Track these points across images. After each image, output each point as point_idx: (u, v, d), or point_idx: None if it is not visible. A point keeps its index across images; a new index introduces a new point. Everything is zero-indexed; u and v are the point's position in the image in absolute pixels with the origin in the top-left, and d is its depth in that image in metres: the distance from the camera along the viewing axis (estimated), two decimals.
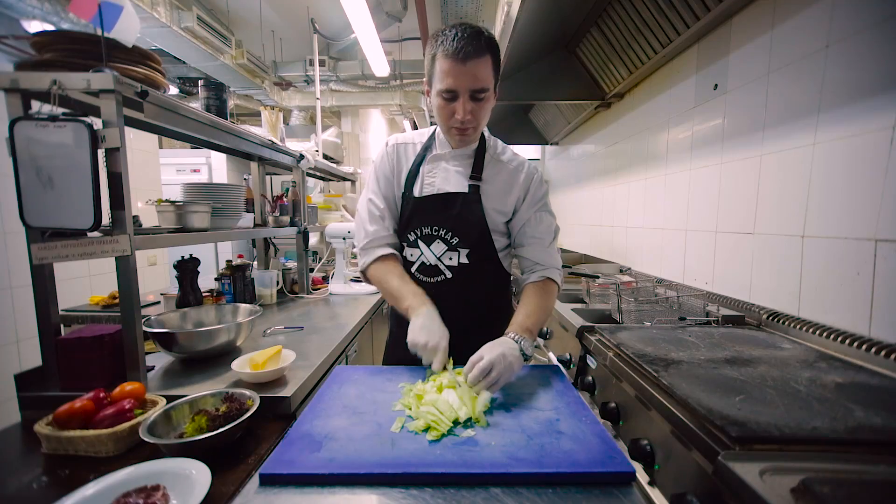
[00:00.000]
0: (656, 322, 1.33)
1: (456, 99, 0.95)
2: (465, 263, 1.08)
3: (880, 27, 1.00)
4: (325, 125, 5.37)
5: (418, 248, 1.11)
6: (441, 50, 0.93)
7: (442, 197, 1.08)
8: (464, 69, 0.91)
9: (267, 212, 2.17)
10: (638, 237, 2.34)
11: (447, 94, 0.95)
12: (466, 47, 0.90)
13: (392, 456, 0.67)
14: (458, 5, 3.58)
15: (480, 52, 0.91)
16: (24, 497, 0.70)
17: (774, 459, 0.60)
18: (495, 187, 1.09)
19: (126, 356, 1.06)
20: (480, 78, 0.93)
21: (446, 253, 1.08)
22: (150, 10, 2.69)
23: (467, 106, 0.95)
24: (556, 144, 4.19)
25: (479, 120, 0.99)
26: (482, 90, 0.95)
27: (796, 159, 1.24)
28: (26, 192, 0.95)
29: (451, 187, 1.08)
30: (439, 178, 1.09)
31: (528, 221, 1.10)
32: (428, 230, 1.08)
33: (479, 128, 1.03)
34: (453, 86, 0.93)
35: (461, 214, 1.07)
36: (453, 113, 0.97)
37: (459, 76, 0.92)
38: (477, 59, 0.91)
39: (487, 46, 0.93)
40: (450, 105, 0.97)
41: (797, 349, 1.06)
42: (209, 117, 1.44)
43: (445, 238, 1.08)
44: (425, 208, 1.08)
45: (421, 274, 1.12)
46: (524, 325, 0.97)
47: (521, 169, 1.12)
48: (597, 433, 0.74)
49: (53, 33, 1.11)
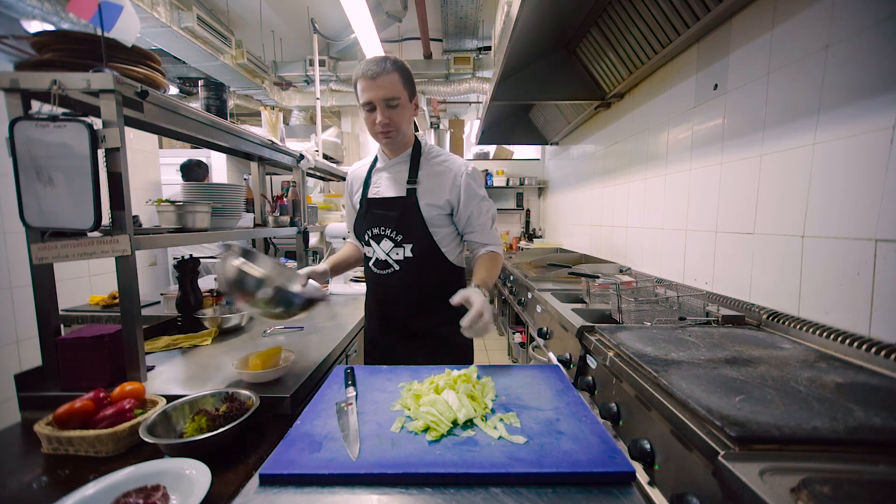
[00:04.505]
0: (656, 322, 1.33)
1: (374, 109, 1.16)
2: (409, 257, 1.26)
3: (880, 27, 1.00)
4: (325, 125, 5.37)
5: (371, 247, 1.30)
6: (359, 75, 1.15)
7: (385, 201, 1.27)
8: (374, 83, 1.12)
9: (267, 212, 2.17)
10: (638, 237, 2.34)
11: (367, 105, 1.16)
12: (374, 68, 1.12)
13: (392, 456, 0.67)
14: (458, 5, 3.58)
15: (387, 71, 1.13)
16: (24, 497, 0.70)
17: (774, 459, 0.60)
18: (429, 187, 1.26)
19: (126, 356, 1.06)
20: (390, 89, 1.13)
21: (393, 249, 1.27)
22: (150, 10, 2.69)
23: (385, 112, 1.15)
24: (556, 144, 4.20)
25: (397, 124, 1.18)
26: (393, 98, 1.14)
27: (796, 159, 1.24)
28: (26, 192, 0.96)
29: (392, 192, 1.27)
30: (382, 185, 1.30)
31: (472, 214, 1.29)
32: (377, 230, 1.27)
33: (400, 130, 1.20)
34: (369, 98, 1.14)
35: (402, 215, 1.24)
36: (374, 121, 1.17)
37: (371, 90, 1.13)
38: (385, 75, 1.12)
39: (393, 66, 1.14)
40: (371, 115, 1.17)
41: (797, 349, 1.06)
42: (209, 117, 1.44)
43: (391, 236, 1.26)
44: (373, 211, 1.28)
45: (375, 268, 1.31)
46: (485, 281, 1.19)
47: (450, 167, 1.28)
48: (597, 433, 0.74)
49: (53, 33, 1.11)
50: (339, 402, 0.87)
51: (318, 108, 3.34)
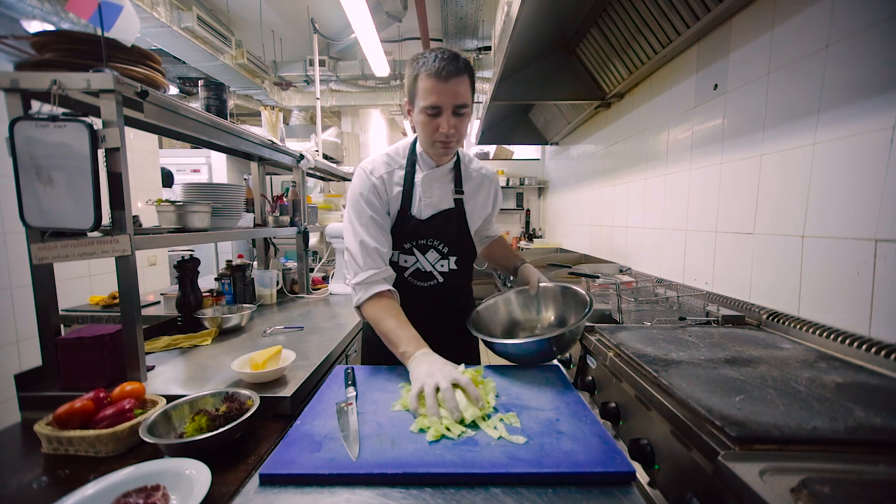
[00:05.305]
0: (656, 322, 1.33)
1: (440, 115, 1.02)
2: (454, 269, 1.22)
3: (880, 27, 1.00)
4: (325, 125, 5.37)
5: (413, 256, 1.20)
6: (424, 70, 0.99)
7: (440, 213, 1.19)
8: (446, 87, 0.98)
9: (267, 212, 2.17)
10: (638, 237, 2.34)
11: (431, 110, 1.01)
12: (448, 67, 0.98)
13: (392, 456, 0.67)
14: (458, 5, 3.58)
15: (459, 72, 0.99)
16: (24, 497, 0.70)
17: (774, 459, 0.60)
18: (473, 198, 1.25)
19: (126, 356, 1.06)
20: (461, 94, 1.01)
21: (439, 261, 1.21)
22: (150, 10, 2.69)
23: (451, 121, 1.02)
24: (556, 144, 4.20)
25: (460, 134, 1.07)
26: (463, 105, 1.02)
27: (796, 159, 1.24)
28: (26, 192, 0.96)
29: (445, 205, 1.20)
30: (435, 196, 1.18)
31: (494, 217, 1.40)
32: (424, 241, 1.19)
33: (460, 141, 1.11)
34: (437, 102, 1.00)
35: (452, 227, 1.20)
36: (437, 128, 1.03)
37: (443, 93, 0.99)
38: (457, 77, 0.99)
39: (465, 67, 1.01)
40: (434, 121, 1.03)
41: (797, 349, 1.06)
42: (209, 117, 1.44)
43: (439, 248, 1.20)
44: (425, 225, 1.18)
45: (414, 279, 1.22)
46: (521, 259, 1.35)
47: (490, 179, 1.30)
48: (597, 433, 0.74)
49: (53, 33, 1.11)
50: (339, 402, 0.87)
51: (318, 108, 3.34)
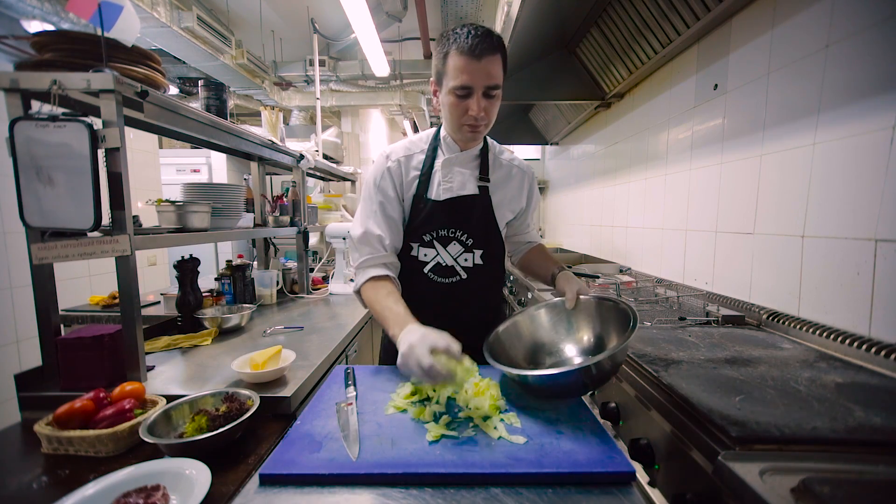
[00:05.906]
0: (656, 322, 1.33)
1: (470, 96, 0.94)
2: (479, 264, 1.12)
3: (880, 27, 1.00)
4: (325, 125, 5.37)
5: (434, 249, 1.11)
6: (455, 47, 0.92)
7: (460, 200, 1.09)
8: (479, 66, 0.91)
9: (267, 212, 2.17)
10: (638, 237, 2.34)
11: (461, 90, 0.94)
12: (481, 44, 0.90)
13: (392, 456, 0.67)
14: (458, 5, 3.58)
15: (493, 49, 0.92)
16: (24, 497, 0.70)
17: (774, 459, 0.60)
18: (501, 188, 1.15)
19: (126, 356, 1.06)
20: (494, 75, 0.93)
21: (462, 254, 1.10)
22: (150, 10, 2.69)
23: (481, 103, 0.95)
24: (556, 144, 4.19)
25: (490, 117, 0.99)
26: (495, 87, 0.95)
27: (796, 159, 1.24)
28: (26, 192, 0.96)
29: (467, 190, 1.09)
30: (456, 181, 1.09)
31: (531, 217, 1.27)
32: (444, 232, 1.09)
33: (489, 125, 1.02)
34: (468, 82, 0.92)
35: (476, 216, 1.09)
36: (466, 110, 0.96)
37: (475, 72, 0.91)
38: (490, 56, 0.91)
39: (498, 45, 0.93)
40: (463, 102, 0.96)
41: (797, 349, 1.06)
42: (209, 117, 1.44)
43: (461, 240, 1.10)
44: (443, 211, 1.09)
45: (435, 274, 1.12)
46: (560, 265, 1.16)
47: (523, 171, 1.20)
48: (597, 433, 0.74)
49: (53, 33, 1.11)
50: (339, 402, 0.87)
51: (318, 108, 3.34)
